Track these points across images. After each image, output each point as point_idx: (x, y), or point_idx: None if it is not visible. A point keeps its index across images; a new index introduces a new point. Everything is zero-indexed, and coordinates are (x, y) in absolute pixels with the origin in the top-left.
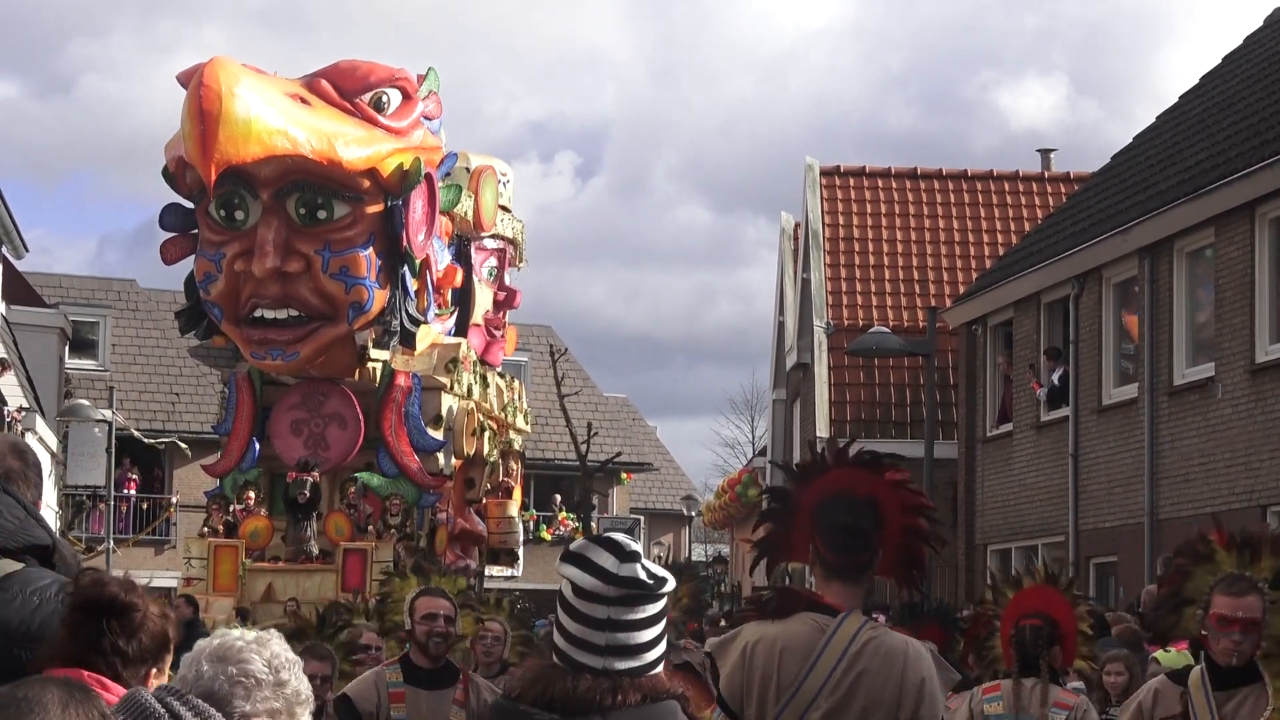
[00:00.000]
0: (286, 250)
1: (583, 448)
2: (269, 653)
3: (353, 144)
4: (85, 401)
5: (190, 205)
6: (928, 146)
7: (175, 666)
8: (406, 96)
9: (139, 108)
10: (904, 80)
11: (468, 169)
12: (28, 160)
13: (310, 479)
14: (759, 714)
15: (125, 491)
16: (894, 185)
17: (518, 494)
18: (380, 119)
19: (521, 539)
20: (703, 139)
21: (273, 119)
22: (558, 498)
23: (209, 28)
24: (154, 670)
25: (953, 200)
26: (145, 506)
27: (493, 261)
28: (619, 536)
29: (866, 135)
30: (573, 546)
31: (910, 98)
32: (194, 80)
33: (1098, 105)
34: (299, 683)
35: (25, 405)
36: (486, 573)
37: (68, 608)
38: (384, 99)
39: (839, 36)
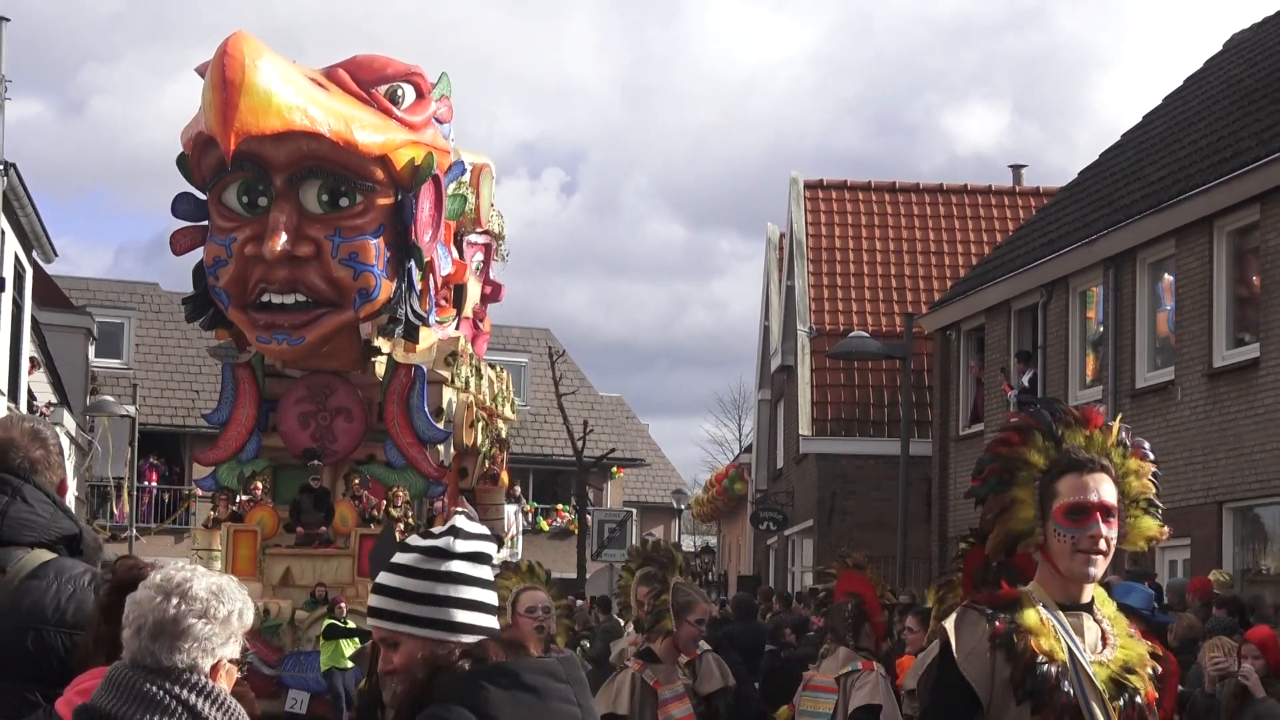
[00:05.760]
0: (297, 235)
1: (579, 444)
2: (209, 584)
3: (368, 129)
4: (110, 397)
5: (202, 196)
6: (880, 166)
7: None
8: (420, 94)
9: (145, 128)
10: (857, 106)
11: (466, 167)
12: (48, 175)
13: (325, 469)
14: None
15: (147, 482)
16: (874, 198)
17: (504, 480)
18: (395, 111)
19: (507, 526)
20: (675, 160)
21: (291, 96)
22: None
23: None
24: None
25: (929, 213)
26: (167, 497)
27: (480, 256)
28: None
29: (823, 156)
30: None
31: (862, 122)
32: (218, 51)
33: (1039, 129)
34: (234, 607)
35: (53, 401)
36: None
37: (105, 592)
38: (399, 93)
39: (798, 66)
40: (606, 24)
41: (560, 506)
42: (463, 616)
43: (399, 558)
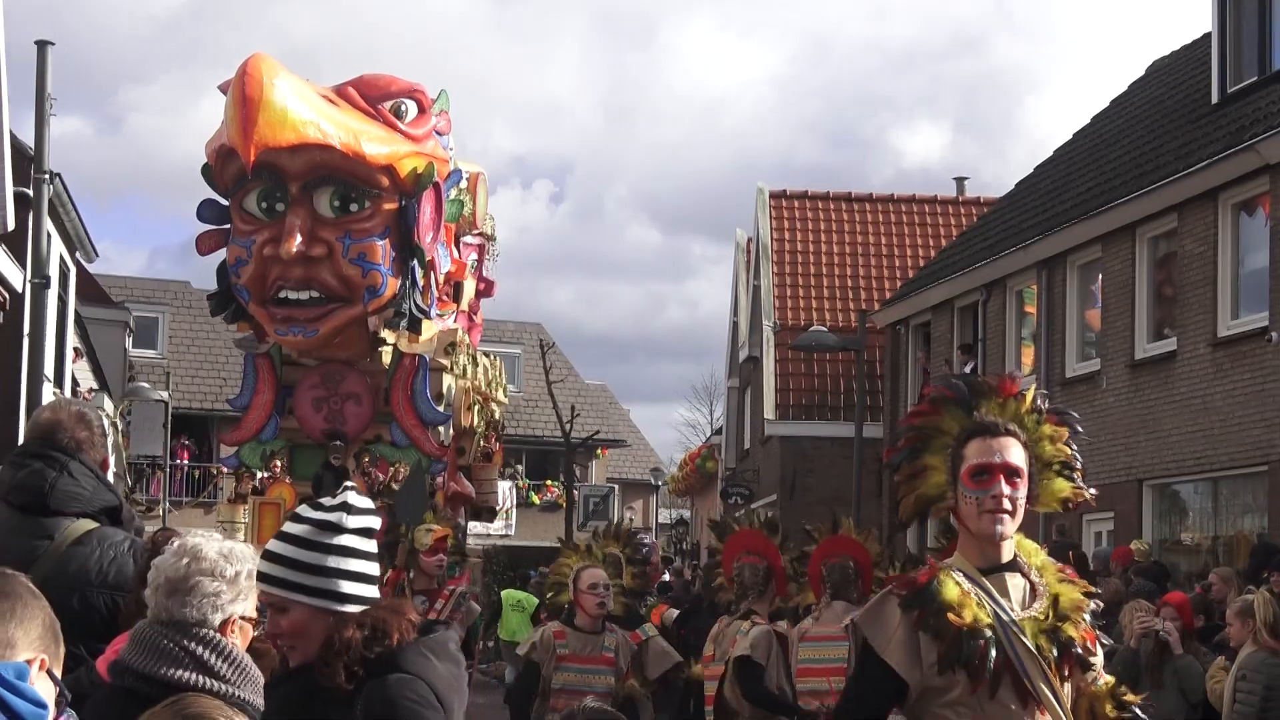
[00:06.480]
0: (311, 237)
1: (567, 427)
2: (220, 547)
3: (375, 141)
4: (145, 384)
5: (224, 202)
6: (836, 178)
7: None
8: (422, 109)
9: (176, 142)
10: (815, 124)
11: (464, 175)
12: (89, 184)
13: (346, 454)
14: None
15: (179, 461)
16: (832, 206)
17: (497, 458)
18: (399, 125)
19: (503, 500)
20: (652, 172)
21: (305, 112)
22: (520, 466)
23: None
24: None
25: (881, 220)
26: (197, 474)
27: (474, 255)
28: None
29: (785, 168)
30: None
31: (820, 138)
32: (238, 71)
33: (979, 145)
34: (242, 568)
35: (94, 387)
36: (473, 529)
37: (146, 560)
38: (403, 108)
39: (762, 88)
40: (590, 50)
41: (550, 483)
42: (349, 588)
43: (290, 528)
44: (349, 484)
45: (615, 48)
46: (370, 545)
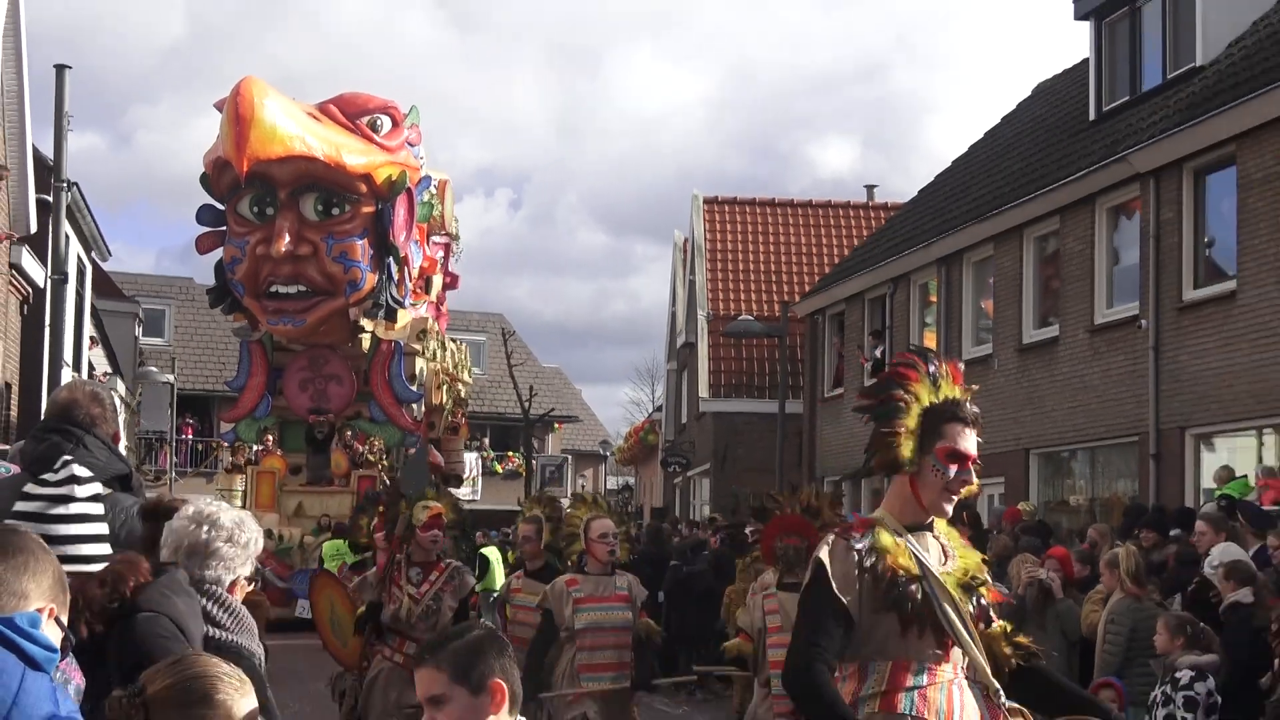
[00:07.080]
0: (298, 238)
1: (526, 405)
2: (234, 516)
3: (354, 152)
4: (154, 369)
5: (220, 207)
6: (761, 186)
7: None
8: (395, 123)
9: (179, 155)
10: (741, 139)
11: (433, 181)
12: (103, 192)
13: (327, 421)
14: None
15: (184, 436)
16: (758, 210)
17: (464, 431)
18: (375, 138)
19: (469, 469)
20: (600, 181)
21: (292, 128)
22: (486, 440)
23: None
24: None
25: (801, 222)
26: (200, 447)
27: (441, 253)
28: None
29: (716, 178)
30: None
31: (745, 152)
32: (232, 91)
33: (884, 158)
34: (250, 535)
35: (108, 371)
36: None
37: (145, 523)
38: (378, 122)
39: (695, 107)
40: (544, 75)
41: (511, 454)
42: (87, 549)
43: (22, 506)
44: (67, 457)
45: (567, 73)
46: (98, 509)
